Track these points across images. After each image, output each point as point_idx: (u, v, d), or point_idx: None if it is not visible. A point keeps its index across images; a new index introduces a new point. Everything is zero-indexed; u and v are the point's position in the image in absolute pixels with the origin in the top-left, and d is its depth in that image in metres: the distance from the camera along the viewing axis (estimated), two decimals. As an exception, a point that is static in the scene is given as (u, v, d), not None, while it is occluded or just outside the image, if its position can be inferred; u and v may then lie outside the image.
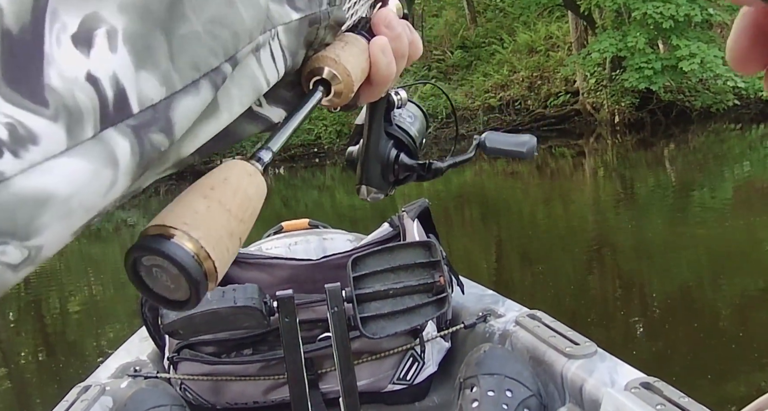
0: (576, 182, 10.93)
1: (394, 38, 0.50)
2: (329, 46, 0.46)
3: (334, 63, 0.44)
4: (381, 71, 0.48)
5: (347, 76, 0.45)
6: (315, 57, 0.45)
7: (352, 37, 0.48)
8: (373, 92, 0.50)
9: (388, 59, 0.48)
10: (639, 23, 12.23)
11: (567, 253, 6.76)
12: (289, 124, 0.41)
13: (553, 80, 15.72)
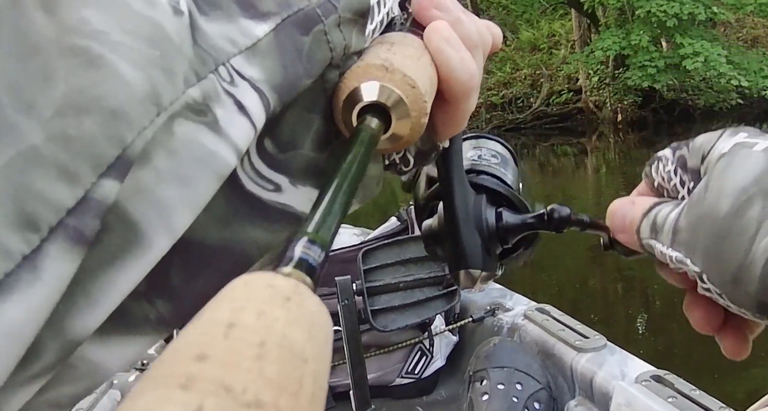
0: (578, 180, 10.93)
1: (456, 23, 0.34)
2: (366, 53, 0.32)
3: (383, 71, 0.29)
4: (457, 74, 0.33)
5: (411, 89, 0.29)
6: (348, 74, 0.30)
7: (396, 35, 0.33)
8: (452, 115, 0.35)
9: (461, 53, 0.33)
10: (642, 21, 12.21)
11: (569, 250, 6.76)
12: (332, 187, 0.26)
13: (556, 78, 15.70)
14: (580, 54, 14.11)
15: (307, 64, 0.28)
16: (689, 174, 0.40)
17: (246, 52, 0.26)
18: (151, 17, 0.23)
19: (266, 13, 0.27)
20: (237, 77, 0.26)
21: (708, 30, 12.85)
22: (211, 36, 0.25)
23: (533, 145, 14.37)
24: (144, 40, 0.22)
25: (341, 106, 0.30)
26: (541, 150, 13.90)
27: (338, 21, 0.29)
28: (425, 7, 0.35)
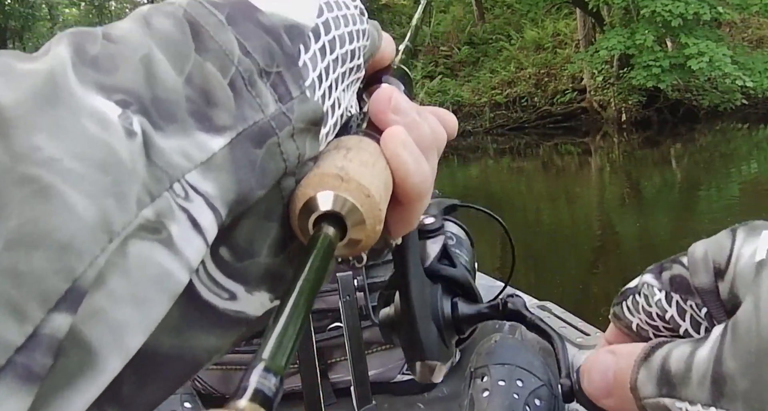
0: (582, 180, 10.91)
1: (411, 125, 0.35)
2: (322, 159, 0.32)
3: (338, 181, 0.29)
4: (412, 178, 0.33)
5: (366, 198, 0.29)
6: (304, 182, 0.30)
7: (353, 139, 0.33)
8: (406, 216, 0.35)
9: (415, 157, 0.34)
10: (647, 21, 12.19)
11: (572, 249, 6.76)
12: (288, 307, 0.25)
13: (560, 77, 15.69)
14: (584, 53, 14.09)
15: (260, 176, 0.28)
16: (697, 297, 0.32)
17: (201, 166, 0.26)
18: (104, 141, 0.23)
19: (222, 127, 0.27)
20: (192, 192, 0.25)
21: (713, 30, 12.82)
22: (167, 152, 0.25)
23: (537, 145, 14.36)
24: (96, 166, 0.22)
25: (297, 214, 0.30)
26: (545, 149, 13.89)
27: (292, 132, 0.30)
28: (382, 110, 0.35)
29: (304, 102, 0.30)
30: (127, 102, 0.24)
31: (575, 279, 5.82)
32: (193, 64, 0.27)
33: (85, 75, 0.24)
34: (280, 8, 0.32)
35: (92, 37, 0.26)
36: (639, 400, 0.30)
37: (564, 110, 15.32)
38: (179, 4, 0.29)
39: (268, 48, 0.30)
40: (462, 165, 13.09)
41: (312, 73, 0.32)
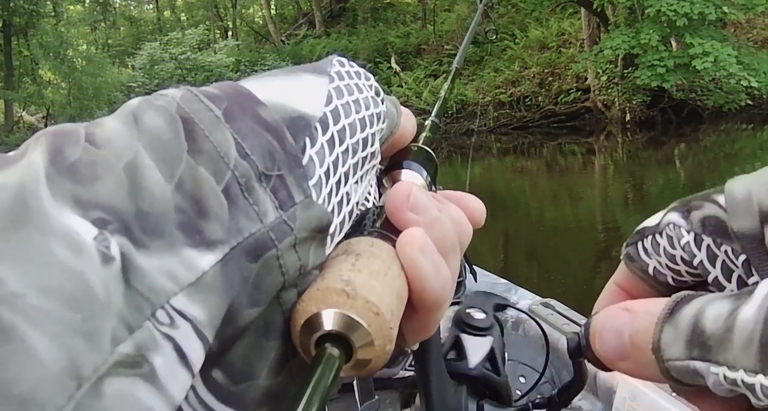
0: (585, 179, 10.91)
1: (432, 225, 0.31)
2: (327, 268, 0.28)
3: (343, 297, 0.26)
4: (430, 287, 0.30)
5: (375, 316, 0.26)
6: (306, 297, 0.27)
7: (364, 242, 0.30)
8: (422, 324, 0.31)
9: (435, 263, 0.30)
10: (652, 20, 12.18)
11: (575, 248, 6.75)
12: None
13: (564, 77, 15.69)
14: (588, 53, 14.08)
15: (254, 293, 0.25)
16: (735, 243, 0.28)
17: (189, 288, 0.23)
18: (75, 270, 0.21)
19: (213, 241, 0.24)
20: (178, 318, 0.23)
21: (718, 30, 12.80)
22: (149, 273, 0.22)
23: (541, 144, 14.36)
24: (64, 301, 0.20)
25: (299, 330, 0.27)
26: (549, 149, 13.88)
27: (294, 242, 0.26)
28: (399, 209, 0.31)
29: (308, 207, 0.27)
30: (106, 220, 0.22)
31: (578, 277, 5.82)
32: (184, 168, 0.24)
33: (60, 187, 0.22)
34: (284, 98, 0.29)
35: (73, 139, 0.24)
36: (662, 362, 0.27)
37: (568, 110, 15.32)
38: (173, 97, 0.27)
39: (269, 148, 0.26)
40: (465, 164, 13.06)
41: (318, 170, 0.28)
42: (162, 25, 25.93)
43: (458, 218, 0.34)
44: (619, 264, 0.36)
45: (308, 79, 0.31)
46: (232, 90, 0.28)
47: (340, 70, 0.33)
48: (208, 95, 0.27)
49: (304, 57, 19.70)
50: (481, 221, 0.37)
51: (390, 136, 0.37)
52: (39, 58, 18.79)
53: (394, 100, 0.37)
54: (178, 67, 17.15)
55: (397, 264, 0.29)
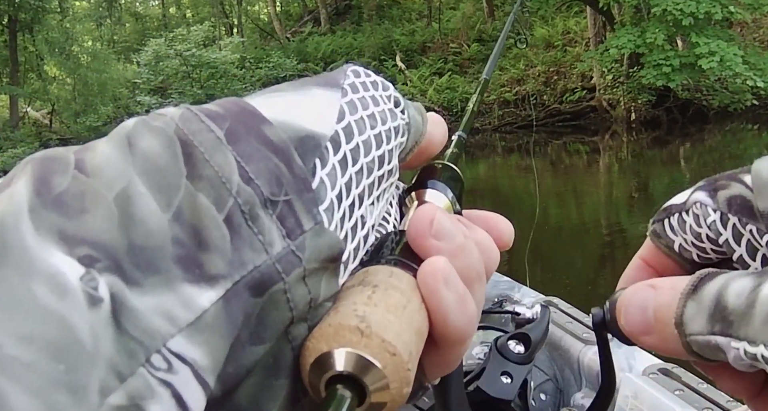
0: (590, 178, 10.89)
1: (457, 253, 0.29)
2: (340, 301, 0.26)
3: (357, 335, 0.24)
4: (453, 322, 0.27)
5: (391, 356, 0.24)
6: (317, 333, 0.25)
7: (382, 272, 0.28)
8: (444, 359, 0.29)
9: (460, 296, 0.28)
10: (658, 19, 12.14)
11: (579, 247, 6.75)
12: None
13: (570, 76, 15.66)
14: (594, 52, 14.05)
15: (257, 328, 0.23)
16: (761, 222, 0.29)
17: (187, 328, 0.21)
18: (59, 315, 0.19)
19: (214, 276, 0.22)
20: (176, 362, 0.21)
21: (724, 30, 12.75)
22: (144, 315, 0.20)
23: (545, 143, 14.34)
24: (46, 351, 0.18)
25: (308, 369, 0.25)
26: (554, 148, 13.87)
27: (303, 274, 0.24)
28: (422, 235, 0.29)
29: (318, 235, 0.25)
30: (93, 258, 0.20)
31: (582, 276, 5.82)
32: (183, 196, 0.22)
33: (45, 221, 0.20)
34: (292, 116, 0.26)
35: (62, 166, 0.22)
36: (684, 336, 0.28)
37: (573, 109, 15.29)
38: (171, 117, 0.24)
39: (275, 171, 0.24)
40: (470, 162, 13.07)
41: (330, 193, 0.26)
42: (167, 21, 25.94)
43: (485, 243, 0.31)
44: (645, 239, 0.37)
45: (318, 93, 0.29)
46: (235, 107, 0.26)
47: (354, 81, 0.31)
48: (210, 114, 0.25)
49: (309, 54, 19.70)
50: (509, 243, 0.35)
51: (415, 146, 0.34)
52: (44, 53, 18.80)
53: (419, 107, 0.35)
54: (183, 64, 17.16)
55: (418, 296, 0.27)
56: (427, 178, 0.36)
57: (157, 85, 17.93)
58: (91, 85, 18.72)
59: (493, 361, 1.19)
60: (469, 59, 17.30)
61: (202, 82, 17.29)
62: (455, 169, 0.38)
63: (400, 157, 0.33)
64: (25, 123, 19.02)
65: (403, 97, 0.34)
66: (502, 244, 0.34)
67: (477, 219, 0.34)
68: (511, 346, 1.23)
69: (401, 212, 0.35)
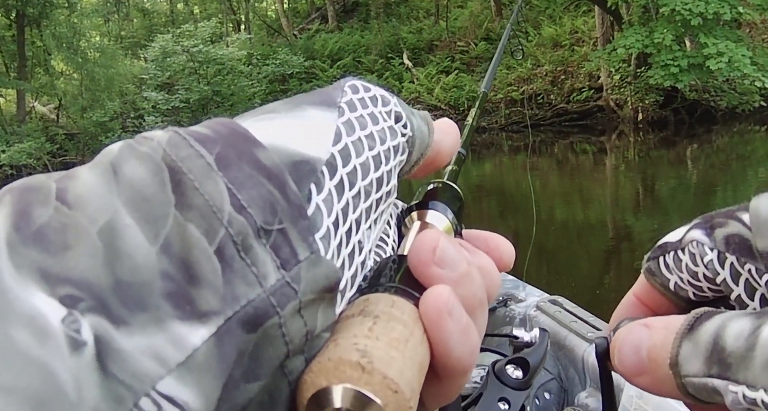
0: (596, 178, 10.87)
1: (460, 281, 0.28)
2: (339, 333, 0.25)
3: (358, 371, 0.23)
4: (457, 354, 0.26)
5: (393, 394, 0.23)
6: (316, 367, 0.24)
7: (383, 301, 0.27)
8: (445, 391, 0.28)
9: (463, 327, 0.27)
10: (666, 19, 12.10)
11: (586, 247, 6.74)
12: None
13: (577, 75, 15.63)
14: (602, 51, 14.01)
15: (251, 365, 0.22)
16: (760, 262, 0.28)
17: (178, 369, 0.20)
18: (40, 362, 0.18)
19: (206, 313, 0.21)
20: (166, 404, 0.19)
21: (733, 30, 12.70)
22: (131, 356, 0.19)
23: (552, 143, 14.32)
24: (27, 401, 0.17)
25: (305, 404, 0.24)
26: (560, 147, 13.85)
27: (298, 307, 0.23)
28: (425, 263, 0.27)
29: (315, 264, 0.24)
30: (76, 297, 0.19)
31: (588, 276, 5.80)
32: (171, 226, 0.21)
33: (25, 258, 0.19)
34: (286, 139, 0.25)
35: (42, 197, 0.21)
36: (679, 377, 0.27)
37: (580, 108, 15.26)
38: (158, 142, 0.23)
39: (269, 198, 0.23)
40: (476, 161, 13.06)
41: (326, 220, 0.25)
42: (175, 17, 25.98)
43: (487, 268, 0.30)
44: (639, 276, 0.36)
45: (313, 114, 0.27)
46: (226, 130, 0.24)
47: (352, 98, 0.29)
48: (199, 138, 0.23)
49: (316, 52, 19.70)
50: (509, 265, 0.34)
51: (421, 159, 0.33)
52: (52, 48, 18.84)
53: (425, 116, 0.33)
54: (190, 60, 17.17)
55: (420, 328, 0.26)
56: (428, 198, 0.35)
57: (163, 80, 17.94)
58: (98, 81, 18.76)
59: (491, 387, 1.18)
60: (477, 58, 17.27)
61: (208, 78, 17.30)
62: (456, 188, 0.37)
63: (404, 169, 0.32)
64: (32, 118, 19.06)
65: (408, 104, 0.32)
66: (503, 265, 0.33)
67: (477, 240, 0.33)
68: (509, 371, 1.21)
69: (400, 232, 0.34)
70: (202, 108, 16.86)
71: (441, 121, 0.35)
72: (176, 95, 16.86)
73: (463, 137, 0.46)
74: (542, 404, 1.73)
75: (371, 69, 18.47)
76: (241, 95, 17.49)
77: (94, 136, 17.43)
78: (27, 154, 15.66)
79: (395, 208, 0.35)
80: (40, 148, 16.30)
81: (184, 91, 16.85)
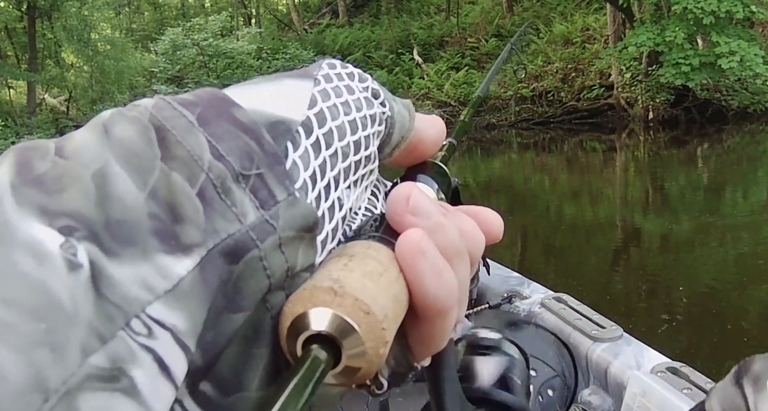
0: (606, 177, 10.83)
1: (435, 229, 0.29)
2: (318, 270, 0.27)
3: (330, 295, 0.25)
4: (431, 292, 0.28)
5: (365, 315, 0.25)
6: (294, 297, 0.26)
7: (360, 245, 0.28)
8: (428, 334, 0.30)
9: (438, 267, 0.28)
10: (678, 18, 12.03)
11: (593, 245, 6.71)
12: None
13: (588, 73, 15.56)
14: (613, 49, 13.96)
15: (235, 296, 0.24)
16: None
17: (165, 296, 0.22)
18: (39, 280, 0.20)
19: (189, 245, 0.23)
20: (156, 327, 0.21)
21: (746, 29, 12.62)
22: (121, 283, 0.21)
23: (562, 140, 14.28)
24: (27, 312, 0.19)
25: (286, 334, 0.25)
26: (570, 145, 13.80)
27: (278, 242, 0.25)
28: (399, 212, 0.29)
29: (292, 205, 0.26)
30: (72, 228, 0.21)
31: (596, 275, 5.78)
32: (157, 176, 0.23)
33: (25, 197, 0.21)
34: (263, 103, 0.28)
35: (42, 153, 0.23)
36: None
37: (590, 106, 15.20)
38: (145, 107, 0.26)
39: (246, 149, 0.25)
40: (485, 158, 13.04)
41: (303, 173, 0.27)
42: (186, 10, 26.02)
43: (467, 227, 0.32)
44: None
45: (290, 83, 0.30)
46: (208, 95, 0.27)
47: (329, 72, 0.32)
48: (182, 102, 0.26)
49: (327, 46, 19.69)
50: (498, 235, 0.35)
51: (402, 142, 0.35)
52: (62, 41, 18.89)
53: (407, 104, 0.36)
54: (200, 53, 17.20)
55: (396, 268, 0.27)
56: (415, 171, 0.37)
57: (173, 74, 17.97)
58: (108, 73, 18.80)
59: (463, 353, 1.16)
60: (487, 54, 17.21)
61: (218, 72, 17.32)
62: (443, 167, 0.39)
63: (386, 151, 0.34)
64: (43, 109, 19.13)
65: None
66: (491, 235, 0.34)
67: (465, 211, 0.34)
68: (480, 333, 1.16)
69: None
70: (211, 102, 16.87)
71: (431, 116, 0.38)
72: (186, 89, 16.86)
73: (454, 131, 0.50)
74: (545, 401, 1.72)
75: (381, 64, 18.44)
76: (251, 89, 17.49)
77: (103, 129, 17.45)
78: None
79: (384, 185, 0.36)
80: (50, 140, 16.33)
81: (193, 85, 16.85)
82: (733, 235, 6.42)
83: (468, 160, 12.62)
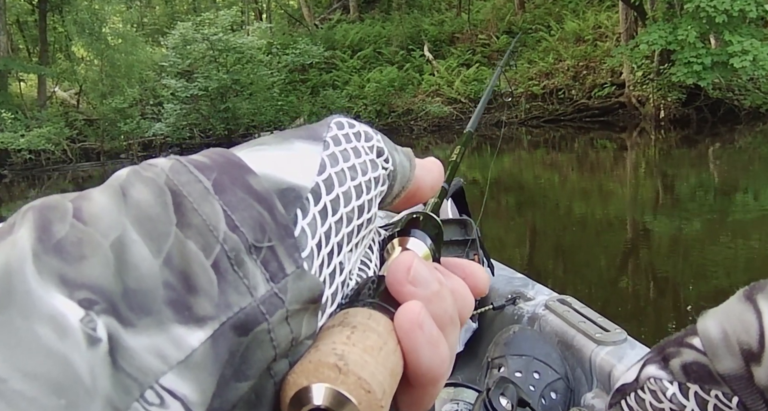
0: (616, 176, 10.77)
1: (432, 298, 0.31)
2: (320, 340, 0.28)
3: (335, 372, 0.26)
4: (426, 364, 0.29)
5: (366, 394, 0.26)
6: (298, 369, 0.27)
7: (361, 314, 0.29)
8: (418, 399, 0.31)
9: (433, 339, 0.30)
10: (691, 16, 11.94)
11: (601, 246, 6.67)
12: None
13: (599, 71, 15.50)
14: (624, 47, 13.87)
15: (242, 366, 0.25)
16: (725, 385, 0.28)
17: (178, 366, 0.23)
18: (60, 354, 0.20)
19: (203, 318, 0.24)
20: (168, 397, 0.22)
21: (759, 28, 12.52)
22: (137, 353, 0.22)
23: (572, 138, 14.22)
24: (48, 386, 0.20)
25: (288, 403, 0.26)
26: (580, 143, 13.74)
27: (285, 315, 0.26)
28: (399, 282, 0.31)
29: (300, 278, 0.26)
30: (92, 301, 0.22)
31: (603, 274, 5.75)
32: (172, 242, 0.24)
33: (46, 265, 0.22)
34: (275, 168, 0.28)
35: (61, 214, 0.24)
36: None
37: (601, 104, 15.14)
38: (162, 168, 0.26)
39: (259, 219, 0.26)
40: (494, 154, 12.98)
41: (310, 241, 0.28)
42: (197, 4, 26.03)
43: (460, 291, 0.33)
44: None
45: (301, 147, 0.30)
46: (222, 159, 0.27)
47: (337, 133, 0.32)
48: (198, 165, 0.26)
49: (337, 42, 19.66)
50: (484, 290, 0.36)
51: (402, 191, 0.36)
52: (73, 34, 18.94)
53: (408, 152, 0.37)
54: (210, 48, 17.18)
55: (394, 339, 0.29)
56: (409, 226, 0.38)
57: (183, 68, 17.95)
58: (119, 67, 18.84)
59: None
60: (498, 51, 17.15)
61: (228, 66, 17.31)
62: (435, 219, 0.40)
63: (386, 201, 0.36)
64: (53, 103, 19.19)
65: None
66: (478, 291, 0.36)
67: (454, 267, 0.36)
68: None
69: (382, 257, 0.37)
70: (220, 96, 16.87)
71: (426, 160, 0.39)
72: (195, 83, 16.87)
73: (447, 174, 0.50)
74: (548, 404, 1.70)
75: (392, 60, 18.41)
76: (260, 84, 17.47)
77: (113, 123, 17.51)
78: (46, 139, 15.77)
79: (378, 236, 0.37)
80: (59, 134, 16.41)
81: (203, 79, 16.86)
82: (744, 237, 6.37)
83: (477, 157, 12.58)
